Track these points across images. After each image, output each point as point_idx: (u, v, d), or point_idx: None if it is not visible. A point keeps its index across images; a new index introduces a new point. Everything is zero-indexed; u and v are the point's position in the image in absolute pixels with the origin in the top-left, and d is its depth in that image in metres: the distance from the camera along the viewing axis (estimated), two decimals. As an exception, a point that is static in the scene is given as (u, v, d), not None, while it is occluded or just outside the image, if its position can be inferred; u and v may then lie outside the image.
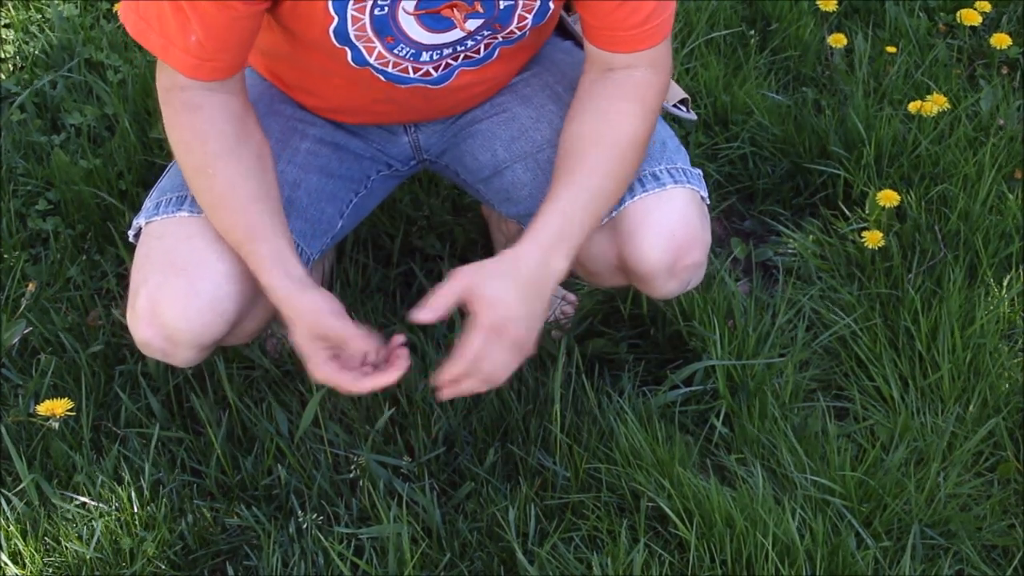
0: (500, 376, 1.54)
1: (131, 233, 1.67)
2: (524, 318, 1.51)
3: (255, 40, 1.54)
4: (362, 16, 1.51)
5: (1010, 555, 1.77)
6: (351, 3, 1.49)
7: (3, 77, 2.54)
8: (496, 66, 1.67)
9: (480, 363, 1.51)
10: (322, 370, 1.52)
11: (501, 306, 1.50)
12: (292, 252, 1.54)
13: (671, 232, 1.61)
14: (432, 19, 1.53)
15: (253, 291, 1.59)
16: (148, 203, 1.65)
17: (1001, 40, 2.55)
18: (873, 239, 2.14)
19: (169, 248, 1.58)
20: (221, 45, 1.49)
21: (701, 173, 1.70)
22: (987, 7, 2.68)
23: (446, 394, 1.55)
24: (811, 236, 2.25)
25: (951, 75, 2.56)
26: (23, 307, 2.04)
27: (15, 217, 2.21)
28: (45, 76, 2.50)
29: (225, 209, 1.54)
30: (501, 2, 1.53)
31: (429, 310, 1.50)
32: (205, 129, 1.53)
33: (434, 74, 1.63)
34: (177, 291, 1.54)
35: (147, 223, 1.63)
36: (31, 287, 2.08)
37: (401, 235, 2.19)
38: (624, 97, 1.58)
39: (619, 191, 1.59)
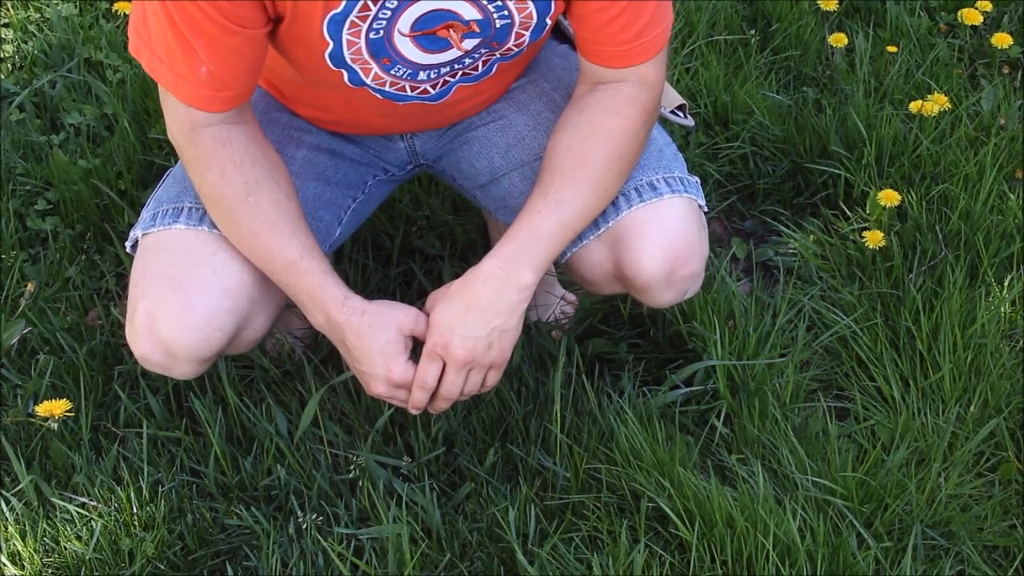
0: (470, 392, 1.59)
1: (128, 244, 1.66)
2: (466, 338, 1.54)
3: (263, 65, 1.53)
4: (357, 40, 1.49)
5: (1011, 556, 1.77)
6: (346, 28, 1.47)
7: (2, 77, 2.54)
8: (494, 80, 1.67)
9: (439, 387, 1.57)
10: (402, 371, 1.56)
11: (439, 330, 1.55)
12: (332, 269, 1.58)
13: (668, 243, 1.60)
14: (428, 40, 1.52)
15: (251, 303, 1.59)
16: (145, 213, 1.65)
17: (1002, 40, 2.55)
18: (874, 239, 2.14)
19: (166, 263, 1.58)
20: (230, 72, 1.47)
21: (699, 181, 1.69)
22: (988, 6, 2.68)
23: (431, 409, 1.62)
24: (812, 236, 2.25)
25: (952, 75, 2.56)
26: (22, 307, 2.04)
27: (14, 217, 2.21)
28: (44, 76, 2.50)
29: (275, 232, 1.54)
30: (498, 21, 1.52)
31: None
32: (240, 161, 1.53)
33: (432, 91, 1.62)
34: (174, 307, 1.54)
35: (143, 235, 1.62)
36: (30, 287, 2.08)
37: (401, 235, 2.19)
38: (608, 112, 1.57)
39: (600, 204, 1.59)
